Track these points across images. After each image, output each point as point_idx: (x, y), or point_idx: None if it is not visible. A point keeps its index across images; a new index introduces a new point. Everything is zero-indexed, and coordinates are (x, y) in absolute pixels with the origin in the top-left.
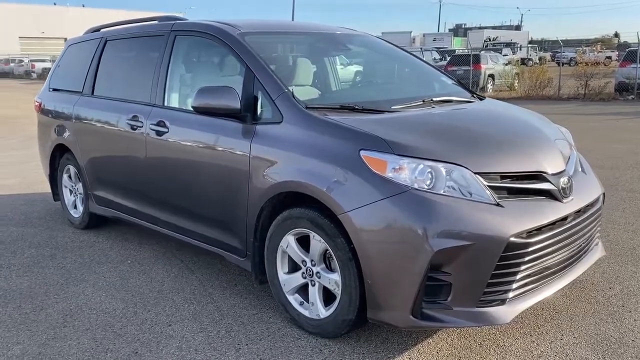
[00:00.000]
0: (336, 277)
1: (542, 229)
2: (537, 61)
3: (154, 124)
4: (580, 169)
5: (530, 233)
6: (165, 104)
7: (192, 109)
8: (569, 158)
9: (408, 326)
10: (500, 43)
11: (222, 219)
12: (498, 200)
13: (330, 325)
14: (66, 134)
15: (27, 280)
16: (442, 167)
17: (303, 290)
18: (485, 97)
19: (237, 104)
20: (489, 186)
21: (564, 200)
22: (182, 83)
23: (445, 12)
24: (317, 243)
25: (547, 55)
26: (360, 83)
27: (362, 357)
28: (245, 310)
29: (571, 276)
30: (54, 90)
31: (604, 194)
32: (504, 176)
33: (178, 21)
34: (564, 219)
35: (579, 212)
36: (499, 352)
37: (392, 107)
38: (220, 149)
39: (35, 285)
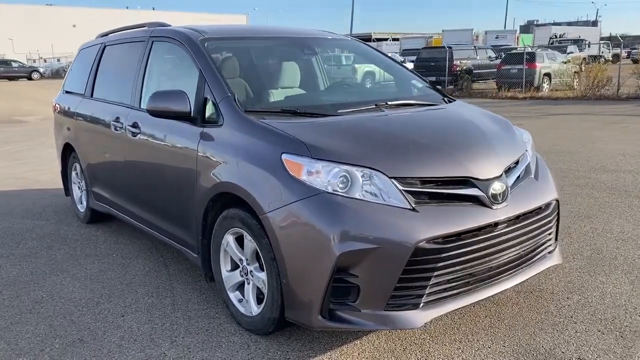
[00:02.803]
0: (264, 276)
1: (462, 235)
2: (610, 59)
3: (130, 125)
4: (532, 175)
5: (448, 239)
6: (141, 106)
7: None
8: (513, 164)
9: (318, 326)
10: (567, 40)
11: (179, 216)
12: (414, 205)
13: (259, 323)
14: (71, 134)
15: (17, 269)
16: (357, 171)
17: (243, 287)
18: (455, 100)
19: (187, 108)
20: (406, 191)
21: (494, 207)
22: (153, 86)
23: (520, 7)
24: (249, 243)
25: (624, 52)
26: (322, 86)
27: (286, 354)
28: (197, 305)
29: (507, 284)
30: (66, 92)
31: (557, 200)
32: (425, 181)
33: (157, 28)
34: (494, 225)
35: (517, 219)
36: (419, 357)
37: (338, 111)
38: (176, 149)
39: (22, 274)
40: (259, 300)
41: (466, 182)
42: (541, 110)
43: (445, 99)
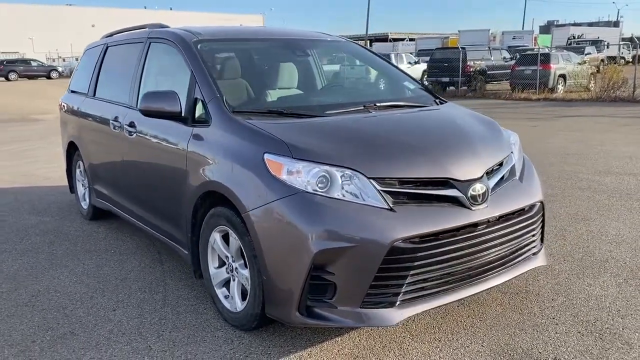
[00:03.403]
0: (247, 273)
1: (440, 234)
2: (630, 60)
3: (127, 125)
4: (516, 176)
5: (425, 238)
6: (137, 106)
7: None
8: (496, 165)
9: (296, 323)
10: (585, 41)
11: (171, 214)
12: (392, 205)
13: (243, 319)
14: (75, 132)
15: (19, 264)
16: (336, 171)
17: (229, 284)
18: (446, 102)
19: (177, 108)
20: (384, 191)
21: (474, 208)
22: (150, 86)
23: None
24: (234, 240)
25: None
26: (315, 87)
27: (267, 349)
28: (187, 301)
29: (488, 284)
30: (72, 92)
31: (542, 202)
32: (404, 181)
33: (155, 29)
34: (473, 226)
35: (498, 220)
36: (397, 355)
37: (325, 112)
38: (168, 148)
39: (23, 268)
40: (244, 297)
41: (445, 183)
42: (554, 112)
43: (437, 100)
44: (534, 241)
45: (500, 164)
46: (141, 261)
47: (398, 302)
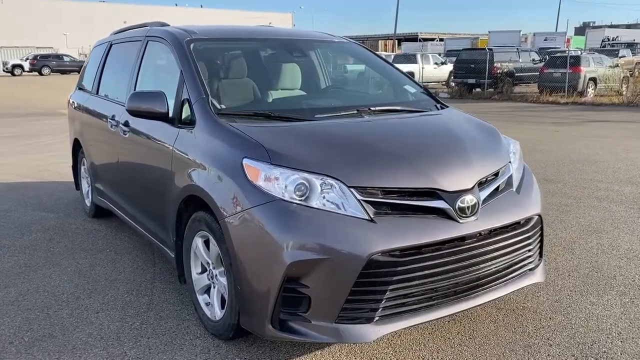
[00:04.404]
0: (225, 281)
1: (423, 248)
2: None
3: (122, 124)
4: (513, 188)
5: (406, 252)
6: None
7: None
8: (491, 176)
9: (269, 335)
10: (620, 43)
11: (159, 216)
12: (373, 216)
13: (221, 328)
14: (79, 129)
15: (14, 260)
16: (315, 179)
17: (211, 291)
18: (447, 107)
19: (164, 108)
20: (365, 201)
21: (462, 221)
22: (145, 85)
23: (577, 9)
24: (213, 247)
25: None
26: (311, 90)
27: None
28: (172, 306)
29: (477, 301)
30: (79, 89)
31: (539, 216)
32: (387, 191)
33: (154, 27)
34: (461, 239)
35: (490, 234)
36: None
37: (315, 116)
38: (156, 149)
39: (17, 265)
40: (223, 305)
41: (432, 193)
42: (581, 116)
43: (438, 105)
44: (530, 256)
45: (496, 174)
46: (134, 262)
47: (376, 318)
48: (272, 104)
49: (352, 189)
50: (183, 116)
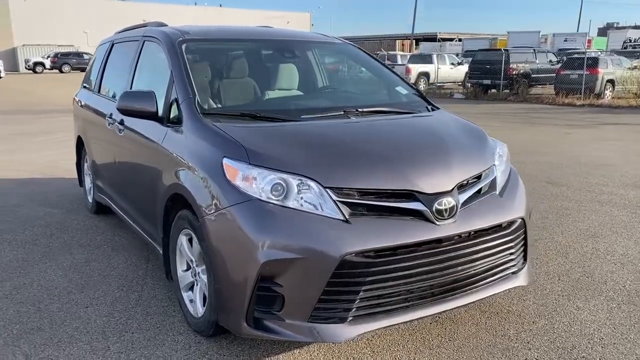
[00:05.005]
0: (206, 278)
1: (398, 249)
2: None
3: (118, 122)
4: (497, 191)
5: (381, 253)
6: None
7: None
8: (472, 178)
9: (244, 333)
10: None
11: (149, 213)
12: (348, 217)
13: (202, 325)
14: (81, 127)
15: (13, 255)
16: (292, 179)
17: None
18: (438, 109)
19: (153, 108)
20: (341, 201)
21: (439, 223)
22: (140, 84)
23: (600, 10)
24: (196, 245)
25: None
26: (301, 90)
27: (222, 358)
28: (160, 302)
29: (455, 303)
30: (84, 87)
31: (522, 219)
32: (364, 192)
33: (151, 27)
34: (438, 241)
35: (469, 237)
36: None
37: (301, 117)
38: (147, 147)
39: (15, 259)
40: (205, 302)
41: (409, 195)
42: (595, 119)
43: (429, 107)
44: (512, 260)
45: (479, 177)
46: (128, 258)
47: (350, 318)
48: (260, 105)
49: (328, 190)
50: (171, 115)
